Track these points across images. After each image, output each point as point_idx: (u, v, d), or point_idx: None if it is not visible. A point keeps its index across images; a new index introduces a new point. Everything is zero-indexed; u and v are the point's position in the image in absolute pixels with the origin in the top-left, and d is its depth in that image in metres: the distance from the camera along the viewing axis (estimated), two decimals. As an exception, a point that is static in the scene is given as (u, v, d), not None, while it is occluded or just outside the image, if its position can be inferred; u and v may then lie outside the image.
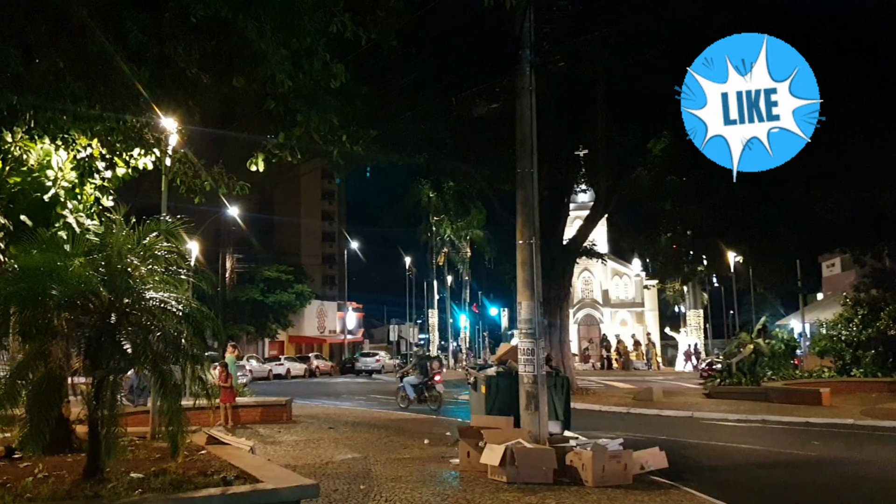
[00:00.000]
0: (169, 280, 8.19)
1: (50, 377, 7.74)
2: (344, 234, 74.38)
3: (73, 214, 10.01)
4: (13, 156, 9.51)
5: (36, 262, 7.80)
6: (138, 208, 9.18)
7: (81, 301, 7.66)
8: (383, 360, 54.74)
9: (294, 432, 15.57)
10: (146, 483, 7.25)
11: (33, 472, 7.99)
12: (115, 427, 7.45)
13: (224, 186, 10.72)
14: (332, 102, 10.06)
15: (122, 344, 7.41)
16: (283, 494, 7.08)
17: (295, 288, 60.99)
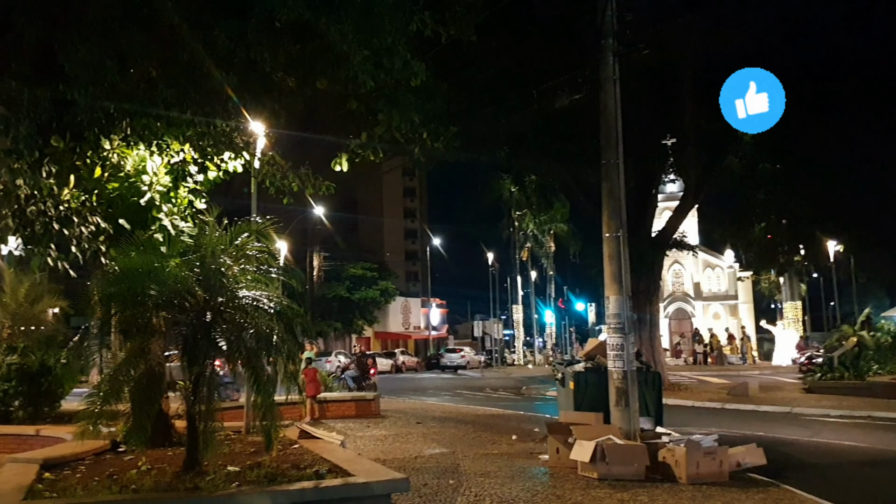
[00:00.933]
0: (260, 278, 8.40)
1: (150, 374, 8.06)
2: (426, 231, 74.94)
3: (168, 217, 10.39)
4: (111, 162, 9.93)
5: (135, 263, 8.12)
6: (229, 210, 9.46)
7: (178, 300, 7.94)
8: (468, 355, 54.82)
9: (382, 427, 15.78)
10: (242, 476, 7.47)
11: (137, 465, 8.35)
12: (212, 421, 7.70)
13: (311, 187, 10.94)
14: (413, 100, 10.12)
15: (217, 341, 7.63)
16: (375, 488, 7.16)
17: (379, 285, 61.87)
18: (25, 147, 8.08)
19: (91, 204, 9.43)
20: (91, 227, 9.14)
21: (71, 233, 8.96)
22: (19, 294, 17.49)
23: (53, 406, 15.42)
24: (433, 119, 11.19)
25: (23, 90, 7.96)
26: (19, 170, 8.70)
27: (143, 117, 8.71)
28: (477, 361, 54.59)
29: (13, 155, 8.58)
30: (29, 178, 8.65)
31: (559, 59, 16.29)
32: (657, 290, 26.87)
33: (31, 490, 7.18)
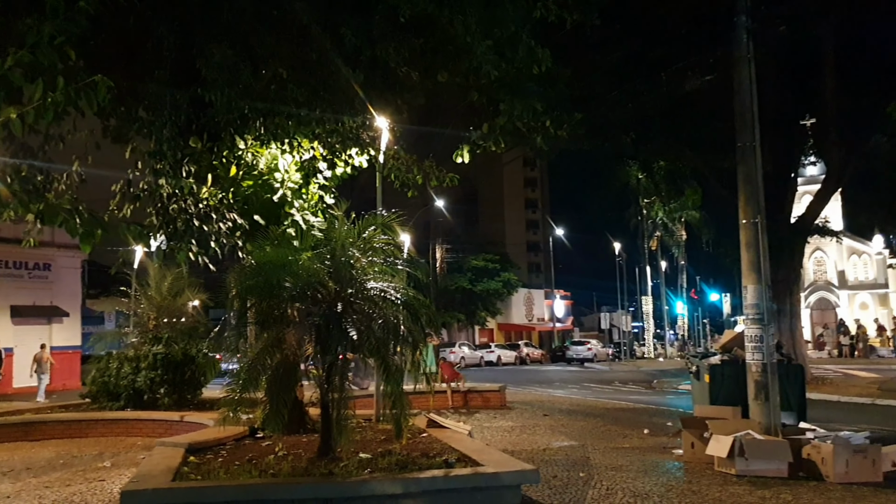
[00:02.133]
0: (387, 270, 8.54)
1: (285, 363, 8.35)
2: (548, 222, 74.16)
3: (299, 212, 10.75)
4: (245, 161, 10.37)
5: (269, 257, 8.44)
6: (355, 204, 9.67)
7: (311, 292, 8.19)
8: (595, 348, 53.90)
9: (509, 418, 15.73)
10: (374, 463, 7.61)
11: (274, 450, 8.68)
12: (344, 409, 7.89)
13: (435, 179, 11.02)
14: (535, 88, 9.98)
15: (347, 331, 7.80)
16: (505, 479, 7.12)
17: (501, 276, 61.80)
18: (168, 148, 8.55)
19: (228, 201, 9.87)
20: (228, 223, 9.57)
21: (210, 229, 9.41)
22: (163, 288, 18.66)
23: (196, 393, 16.36)
24: (556, 106, 11.01)
25: (164, 94, 8.41)
26: (162, 170, 9.24)
27: (275, 117, 9.04)
28: (604, 354, 53.64)
29: (156, 156, 9.11)
30: (171, 177, 9.16)
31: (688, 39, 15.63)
32: (798, 279, 25.41)
33: (178, 472, 7.60)
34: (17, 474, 10.27)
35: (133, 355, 16.23)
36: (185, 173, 9.34)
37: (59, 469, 10.58)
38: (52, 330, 28.22)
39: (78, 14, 3.81)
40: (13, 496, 8.67)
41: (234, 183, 10.26)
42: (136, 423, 14.16)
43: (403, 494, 6.90)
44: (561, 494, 8.19)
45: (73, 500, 8.31)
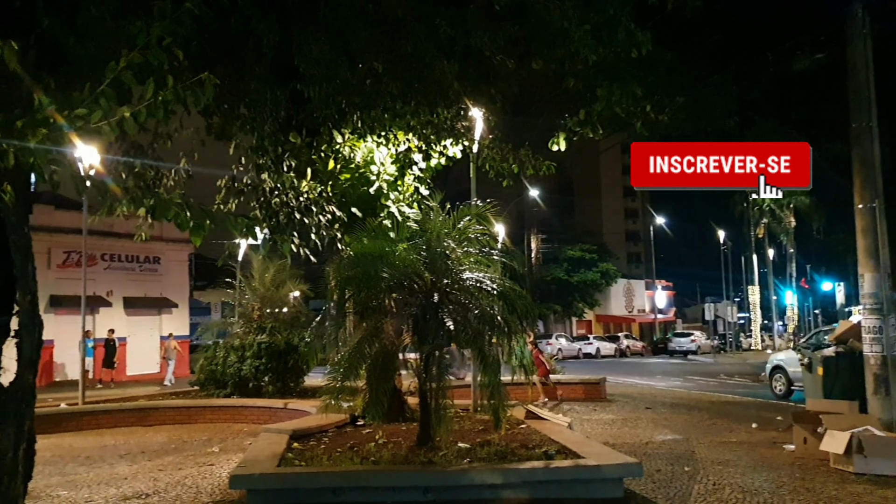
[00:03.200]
0: (482, 260, 8.51)
1: (384, 352, 8.46)
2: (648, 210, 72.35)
3: (395, 204, 10.85)
4: (343, 155, 10.54)
5: (367, 248, 8.55)
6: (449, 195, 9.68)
7: (408, 282, 8.26)
8: (699, 340, 52.26)
9: (609, 411, 15.46)
10: (473, 453, 7.62)
11: (374, 438, 8.82)
12: (443, 399, 7.92)
13: (531, 167, 10.89)
14: (634, 73, 9.72)
15: (444, 321, 7.82)
16: (606, 471, 7.00)
17: (599, 266, 60.73)
18: (269, 144, 8.77)
19: (327, 194, 10.06)
20: (328, 215, 9.75)
21: (310, 221, 9.62)
22: (266, 279, 19.28)
23: (298, 381, 16.84)
24: (656, 91, 10.68)
25: (265, 91, 8.63)
26: (264, 165, 9.51)
27: (371, 110, 9.13)
28: (709, 346, 51.95)
29: (258, 152, 9.38)
30: (273, 172, 9.41)
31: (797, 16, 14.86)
32: (920, 267, 23.84)
33: (283, 458, 7.83)
34: (133, 457, 10.83)
35: (238, 344, 16.82)
36: (286, 168, 9.58)
37: (171, 453, 11.09)
38: (161, 320, 29.61)
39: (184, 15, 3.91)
40: (130, 478, 9.13)
41: (332, 176, 10.44)
42: (241, 410, 14.70)
43: (503, 485, 6.88)
44: (665, 488, 7.96)
45: (184, 483, 8.67)
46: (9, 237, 3.98)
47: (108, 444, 12.20)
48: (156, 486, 8.51)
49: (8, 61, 3.24)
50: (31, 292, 4.08)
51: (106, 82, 3.76)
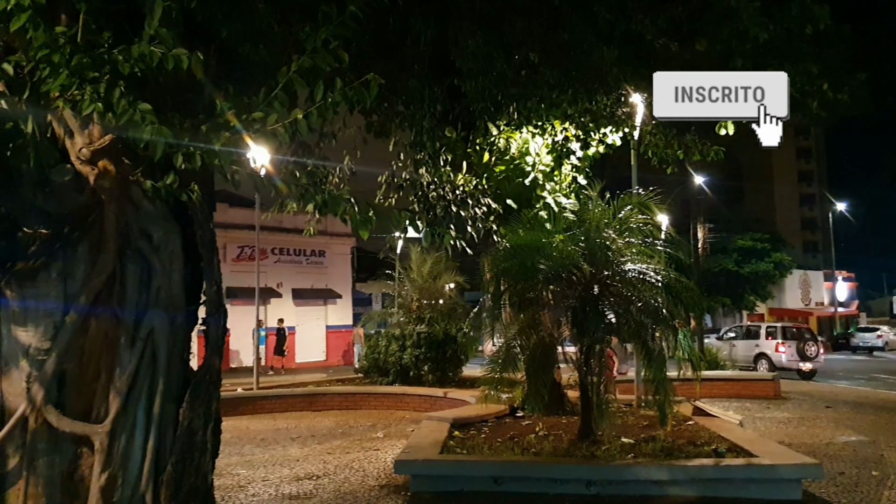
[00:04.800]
0: (645, 251, 8.27)
1: (542, 344, 8.43)
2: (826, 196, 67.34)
3: (551, 195, 10.75)
4: (498, 147, 10.57)
5: (523, 240, 8.55)
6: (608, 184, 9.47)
7: (566, 274, 8.17)
8: (886, 335, 48.11)
9: (784, 409, 14.57)
10: (637, 448, 7.44)
11: (534, 430, 8.81)
12: (604, 393, 7.80)
13: (698, 153, 10.43)
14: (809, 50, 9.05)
15: (605, 314, 7.68)
16: (782, 472, 6.62)
17: (772, 257, 57.17)
18: (428, 139, 8.94)
19: (482, 187, 10.13)
20: (483, 207, 9.82)
21: (466, 214, 9.72)
22: (424, 271, 19.74)
23: (456, 371, 17.12)
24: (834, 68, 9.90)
25: (423, 88, 8.80)
26: (422, 160, 9.71)
27: (528, 101, 9.08)
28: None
29: (416, 147, 9.59)
30: (430, 167, 9.59)
31: None
32: None
33: (445, 446, 8.00)
34: (304, 440, 11.43)
35: (399, 334, 17.33)
36: (443, 162, 9.73)
37: (338, 437, 11.61)
38: (327, 310, 31.09)
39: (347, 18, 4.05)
40: (301, 460, 9.65)
41: (488, 169, 10.50)
42: (403, 398, 15.14)
43: (669, 481, 6.68)
44: (850, 493, 7.39)
45: (352, 466, 9.05)
46: (196, 233, 4.30)
47: (280, 427, 12.95)
48: (325, 469, 8.94)
49: (195, 70, 3.48)
50: (217, 283, 4.39)
51: (279, 87, 3.96)
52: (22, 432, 3.83)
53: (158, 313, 4.07)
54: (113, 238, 3.95)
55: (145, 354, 4.01)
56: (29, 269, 3.89)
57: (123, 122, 3.44)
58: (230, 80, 4.54)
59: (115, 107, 3.43)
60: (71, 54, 3.40)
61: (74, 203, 3.96)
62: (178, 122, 3.74)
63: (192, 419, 4.07)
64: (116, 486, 3.85)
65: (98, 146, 3.85)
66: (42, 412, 3.81)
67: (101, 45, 3.53)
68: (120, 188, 3.94)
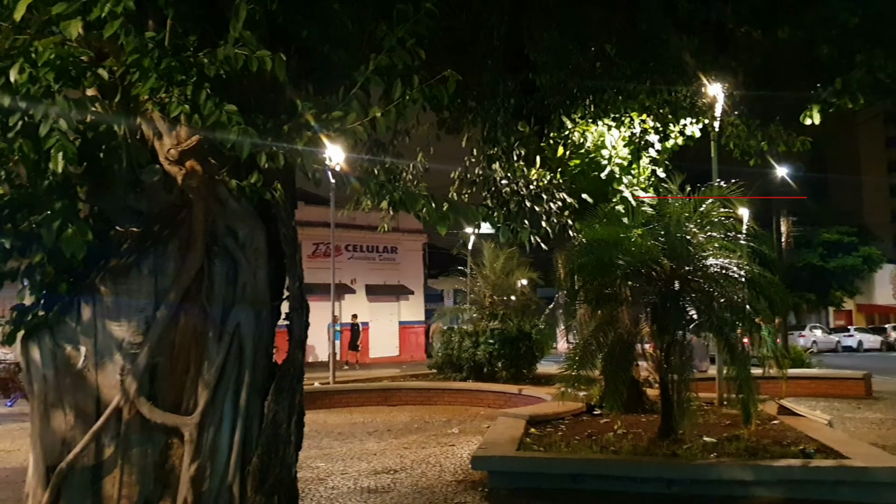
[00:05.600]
0: (727, 245, 8.05)
1: (620, 341, 8.31)
2: (918, 186, 64.08)
3: (628, 189, 10.58)
4: (572, 141, 10.46)
5: (600, 235, 8.43)
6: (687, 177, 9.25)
7: (645, 269, 8.03)
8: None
9: (876, 409, 13.97)
10: (720, 447, 7.27)
11: (613, 428, 8.69)
12: (686, 391, 7.62)
13: (783, 144, 10.08)
14: (900, 33, 8.64)
15: (686, 310, 7.51)
16: (877, 474, 6.36)
17: (860, 251, 54.77)
18: (502, 134, 8.91)
19: (556, 181, 10.05)
20: (558, 202, 9.74)
21: (540, 209, 9.66)
22: (496, 267, 19.71)
23: (531, 368, 17.02)
24: (929, 50, 9.42)
25: (497, 82, 8.78)
26: (495, 155, 9.69)
27: (604, 93, 8.96)
28: None
29: (490, 142, 9.57)
30: (504, 162, 9.57)
31: None
32: None
33: (521, 442, 7.97)
34: (380, 434, 11.57)
35: (472, 330, 17.34)
36: (516, 157, 9.69)
37: (414, 432, 11.70)
38: (399, 306, 31.39)
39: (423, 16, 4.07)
40: (378, 454, 9.77)
41: (562, 163, 10.41)
42: (477, 394, 15.16)
43: (755, 482, 6.50)
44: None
45: (428, 461, 9.11)
46: (279, 230, 4.38)
47: (357, 422, 13.14)
48: (402, 463, 9.03)
49: (278, 72, 3.54)
50: (299, 279, 4.47)
51: (357, 85, 4.01)
52: (116, 423, 3.96)
53: (244, 308, 4.16)
54: (201, 236, 4.06)
55: (232, 348, 4.10)
56: (122, 266, 4.03)
57: (210, 124, 3.53)
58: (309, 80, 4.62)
59: (202, 109, 3.52)
60: (159, 59, 3.50)
61: (164, 202, 4.08)
62: (262, 123, 3.82)
63: (276, 412, 4.16)
64: (205, 477, 3.96)
65: (185, 147, 3.95)
66: (135, 404, 3.94)
67: (187, 49, 3.63)
68: (207, 187, 4.05)
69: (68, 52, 3.36)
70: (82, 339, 4.01)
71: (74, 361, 4.00)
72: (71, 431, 3.98)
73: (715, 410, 10.03)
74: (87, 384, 4.00)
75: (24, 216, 3.88)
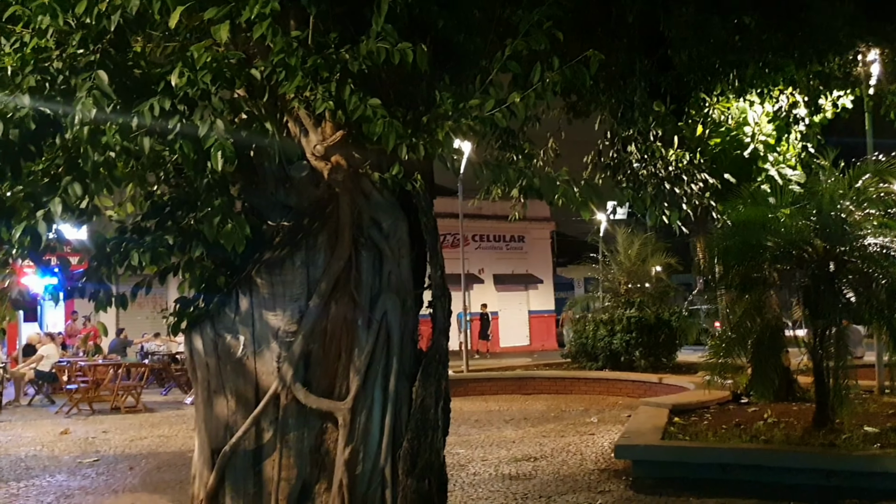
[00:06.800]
0: (888, 223, 7.49)
1: (769, 327, 7.93)
2: None
3: (774, 167, 10.05)
4: (711, 119, 10.02)
5: (745, 216, 8.06)
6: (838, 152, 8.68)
7: (795, 251, 7.60)
8: None
9: None
10: (883, 437, 6.84)
11: (762, 416, 8.32)
12: (843, 379, 7.19)
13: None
14: None
15: (842, 293, 7.06)
16: None
17: None
18: (639, 114, 8.65)
19: (697, 161, 9.66)
20: (699, 183, 9.36)
21: (680, 191, 9.32)
22: (631, 254, 19.22)
23: (670, 357, 16.52)
24: None
25: (633, 61, 8.53)
26: (630, 137, 9.42)
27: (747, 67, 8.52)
28: None
29: (625, 123, 9.31)
30: (640, 143, 9.29)
31: None
32: None
33: (665, 431, 7.76)
34: (517, 422, 11.58)
35: (607, 318, 17.02)
36: (652, 137, 9.39)
37: (551, 421, 11.64)
38: (528, 295, 31.23)
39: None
40: (517, 441, 9.79)
41: (701, 142, 10.00)
42: (615, 383, 14.86)
43: (927, 476, 6.02)
44: None
45: (568, 449, 9.04)
46: (420, 220, 4.46)
47: (493, 410, 13.21)
48: (542, 451, 9.00)
49: (420, 63, 3.58)
50: (440, 268, 4.53)
51: (494, 72, 4.00)
52: (275, 408, 4.15)
53: (390, 297, 4.27)
54: (348, 227, 4.18)
55: (380, 336, 4.22)
56: (276, 259, 4.21)
57: (355, 118, 3.61)
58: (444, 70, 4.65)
59: (347, 104, 3.61)
60: (304, 57, 3.62)
61: (312, 196, 4.23)
62: (402, 115, 3.88)
63: (424, 397, 4.25)
64: (359, 460, 4.10)
65: (331, 142, 4.08)
66: (291, 389, 4.12)
67: (328, 46, 3.72)
68: (352, 181, 4.16)
69: (222, 55, 3.52)
70: (241, 329, 4.22)
71: (234, 350, 4.22)
72: (233, 416, 4.21)
73: (875, 399, 9.40)
74: (246, 371, 4.21)
75: (184, 213, 4.13)
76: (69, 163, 3.44)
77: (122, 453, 9.72)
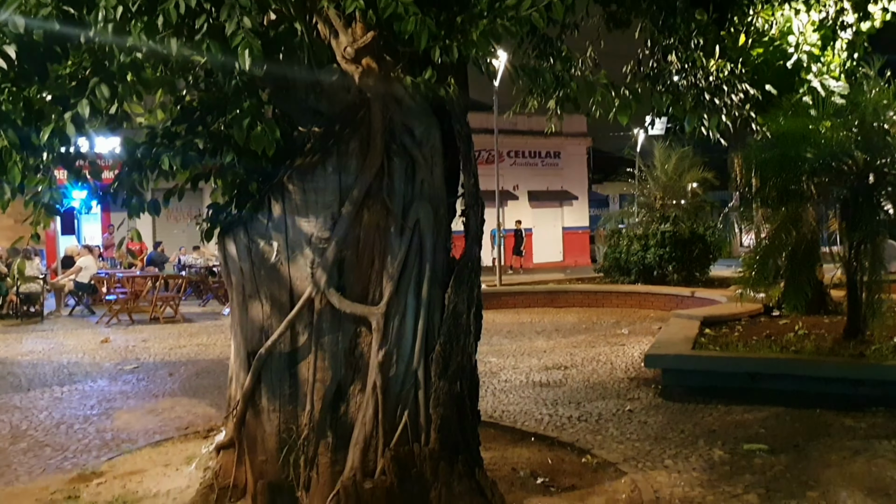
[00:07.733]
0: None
1: (804, 241, 7.85)
2: None
3: (817, 77, 9.70)
4: (755, 28, 9.64)
5: (784, 128, 7.86)
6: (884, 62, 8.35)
7: (835, 163, 7.44)
8: None
9: None
10: (912, 349, 6.80)
11: (793, 328, 8.33)
12: (876, 292, 7.13)
13: None
14: None
15: (882, 205, 6.93)
16: None
17: None
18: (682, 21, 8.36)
19: (738, 72, 9.37)
20: (739, 94, 9.10)
21: (721, 102, 9.08)
22: (668, 168, 18.96)
23: (703, 271, 16.48)
24: None
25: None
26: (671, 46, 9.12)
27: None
28: None
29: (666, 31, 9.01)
30: (681, 52, 9.00)
31: None
32: None
33: (696, 342, 7.83)
34: (548, 334, 11.74)
35: (641, 234, 16.95)
36: (693, 46, 9.09)
37: (582, 332, 11.77)
38: (563, 212, 31.06)
39: None
40: (548, 351, 9.95)
41: (743, 52, 9.65)
42: (647, 297, 14.92)
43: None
44: None
45: (598, 359, 9.17)
46: (454, 127, 4.42)
47: (524, 322, 13.38)
48: (572, 360, 9.15)
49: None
50: (474, 176, 4.52)
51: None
52: (309, 313, 4.24)
53: (423, 204, 4.28)
54: (380, 134, 4.16)
55: (413, 243, 4.25)
56: (307, 164, 4.22)
57: (386, 17, 3.53)
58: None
59: (378, 1, 3.53)
60: (333, -48, 3.53)
61: (343, 102, 4.19)
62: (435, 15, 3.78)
63: (456, 303, 4.31)
64: (392, 362, 4.20)
65: (361, 44, 4.01)
66: (325, 295, 4.19)
67: (361, -59, 3.61)
68: (383, 85, 4.11)
69: (250, -49, 3.44)
70: (274, 235, 4.28)
71: (268, 255, 4.29)
72: (268, 320, 4.32)
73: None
74: (280, 276, 4.29)
75: (214, 118, 4.12)
76: (96, 65, 3.41)
77: (162, 360, 10.07)
